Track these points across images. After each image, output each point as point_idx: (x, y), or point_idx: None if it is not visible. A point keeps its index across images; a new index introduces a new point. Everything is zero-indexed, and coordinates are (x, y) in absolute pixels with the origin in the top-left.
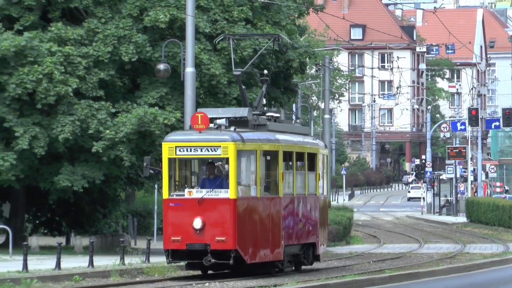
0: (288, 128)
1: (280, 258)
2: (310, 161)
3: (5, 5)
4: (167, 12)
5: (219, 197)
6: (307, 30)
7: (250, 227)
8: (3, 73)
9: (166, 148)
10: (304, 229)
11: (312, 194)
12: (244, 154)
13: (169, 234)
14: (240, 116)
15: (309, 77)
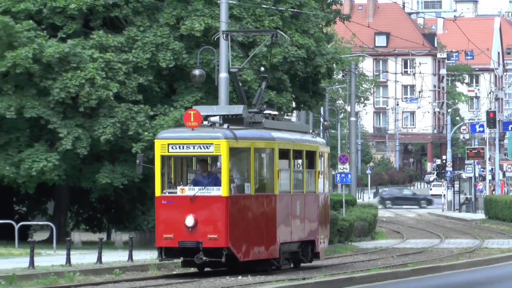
0: (285, 126)
1: (275, 255)
2: (309, 159)
3: (49, 14)
4: (202, 21)
5: (212, 194)
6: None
7: (243, 225)
8: (48, 78)
9: (159, 145)
10: (302, 226)
11: (311, 192)
12: (237, 152)
13: (161, 232)
14: (235, 113)
15: (336, 82)
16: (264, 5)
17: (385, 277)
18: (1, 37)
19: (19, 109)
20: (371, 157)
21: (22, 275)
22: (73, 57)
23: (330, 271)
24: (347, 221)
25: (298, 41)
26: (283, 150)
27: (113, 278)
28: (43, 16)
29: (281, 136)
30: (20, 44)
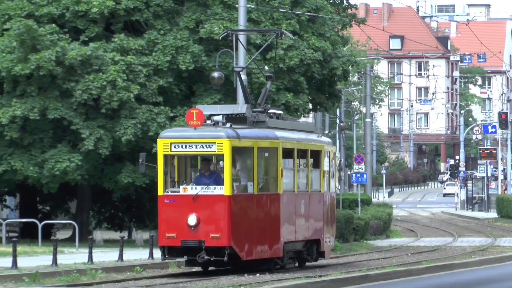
0: (290, 125)
1: (279, 254)
2: (314, 158)
3: (72, 17)
4: (221, 25)
5: (214, 193)
6: (350, 40)
7: (245, 224)
8: (71, 80)
9: (161, 145)
10: (307, 225)
11: (316, 191)
12: (240, 151)
13: (164, 231)
14: (239, 112)
15: (352, 84)
16: (282, 9)
17: (399, 275)
18: (25, 40)
19: (43, 110)
20: (386, 157)
21: (46, 273)
22: (95, 60)
23: (336, 270)
24: (362, 219)
25: (315, 44)
26: (287, 150)
27: (134, 276)
28: (66, 20)
29: (285, 136)
30: (43, 47)
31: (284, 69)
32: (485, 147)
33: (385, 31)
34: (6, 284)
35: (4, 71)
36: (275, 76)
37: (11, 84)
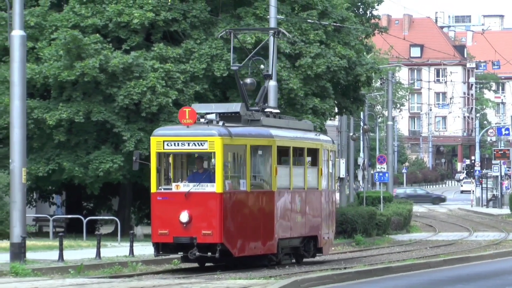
0: (286, 124)
1: (273, 251)
2: (312, 156)
3: (114, 28)
4: (253, 35)
5: (206, 191)
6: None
7: (238, 221)
8: (113, 86)
9: (154, 142)
10: (304, 222)
11: (313, 188)
12: (233, 149)
13: (157, 228)
14: (233, 111)
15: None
16: (310, 20)
17: (419, 267)
18: (71, 49)
19: (87, 114)
20: (407, 157)
21: (90, 265)
22: (136, 67)
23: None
24: (384, 215)
25: (341, 52)
26: (283, 148)
27: (172, 268)
28: (109, 30)
29: (280, 134)
30: (88, 55)
31: (312, 76)
32: (499, 148)
33: (406, 40)
34: (53, 275)
35: (52, 78)
36: (304, 82)
37: (58, 89)
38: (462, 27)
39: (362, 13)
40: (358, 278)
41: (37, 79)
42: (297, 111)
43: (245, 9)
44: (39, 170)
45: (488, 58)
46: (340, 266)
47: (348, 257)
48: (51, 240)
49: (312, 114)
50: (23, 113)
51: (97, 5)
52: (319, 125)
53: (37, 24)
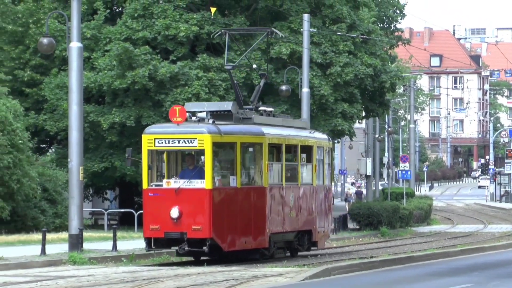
0: (279, 122)
1: (265, 245)
2: (306, 153)
3: (163, 40)
4: (288, 46)
5: (195, 187)
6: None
7: (228, 216)
8: (161, 92)
9: (146, 140)
10: (297, 217)
11: (307, 184)
12: (222, 146)
13: (148, 223)
14: (225, 109)
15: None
16: (339, 32)
17: (439, 256)
18: (123, 60)
19: (138, 118)
20: (427, 157)
21: (140, 254)
22: (181, 76)
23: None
24: (407, 209)
25: (367, 61)
26: (275, 145)
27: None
28: (158, 42)
29: (272, 132)
30: (138, 65)
31: (341, 83)
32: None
33: (426, 50)
34: (108, 263)
35: (106, 86)
36: (334, 89)
37: (111, 96)
38: (477, 38)
39: (387, 26)
40: (383, 266)
41: (92, 86)
42: (328, 115)
43: (280, 23)
44: (94, 168)
45: (501, 66)
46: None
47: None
48: (105, 232)
49: (341, 118)
50: (80, 117)
51: (147, 20)
52: (348, 128)
53: (93, 36)
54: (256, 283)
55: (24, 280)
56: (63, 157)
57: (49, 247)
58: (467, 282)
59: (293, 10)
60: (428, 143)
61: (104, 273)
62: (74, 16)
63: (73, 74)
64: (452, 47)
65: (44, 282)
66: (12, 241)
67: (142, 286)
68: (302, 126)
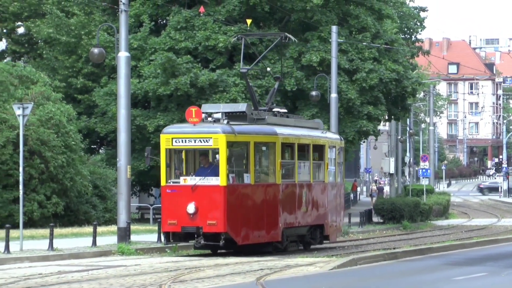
0: (292, 122)
1: (277, 238)
2: (318, 152)
3: (203, 50)
4: (318, 54)
5: (211, 184)
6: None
7: (242, 211)
8: (202, 98)
9: (164, 139)
10: (309, 212)
11: (319, 181)
12: (237, 145)
13: (166, 218)
14: (239, 111)
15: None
16: (364, 42)
17: (456, 247)
18: (167, 68)
19: (180, 121)
20: (445, 156)
21: (183, 246)
22: (220, 83)
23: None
24: (427, 205)
25: (391, 67)
26: (287, 144)
27: None
28: (198, 52)
29: (284, 132)
30: (180, 73)
31: (367, 88)
32: None
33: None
34: (153, 254)
35: (151, 92)
36: (360, 93)
37: (156, 101)
38: (491, 48)
39: (408, 37)
40: (405, 257)
41: (139, 92)
42: (354, 117)
43: (311, 33)
44: (140, 167)
45: None
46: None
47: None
48: (151, 225)
49: (366, 119)
50: (128, 120)
51: (189, 31)
52: (372, 128)
53: (139, 47)
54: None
55: (77, 269)
56: (112, 157)
57: (99, 239)
58: (482, 271)
59: (322, 21)
60: (446, 144)
61: (149, 263)
62: (122, 28)
63: (121, 81)
64: (468, 56)
65: (95, 271)
66: (66, 234)
67: (184, 274)
68: (315, 127)
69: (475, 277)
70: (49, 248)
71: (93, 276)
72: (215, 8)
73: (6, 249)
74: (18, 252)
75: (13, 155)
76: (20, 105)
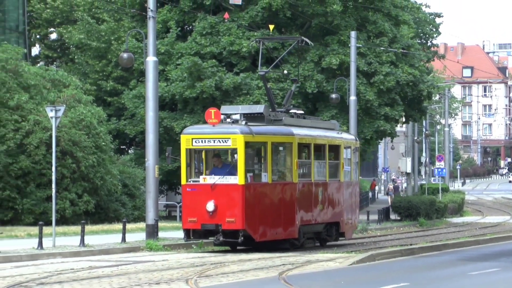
0: (308, 123)
1: (294, 235)
2: (334, 152)
3: (227, 55)
4: (337, 58)
5: (229, 183)
6: (432, 70)
7: (259, 209)
8: (226, 101)
9: (184, 140)
10: (325, 210)
11: (335, 180)
12: (254, 145)
13: (187, 216)
14: (257, 112)
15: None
16: (382, 46)
17: (470, 243)
18: (193, 72)
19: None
20: (460, 156)
21: (209, 242)
22: (244, 86)
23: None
24: (442, 203)
25: (407, 71)
26: (304, 144)
27: None
28: (223, 57)
29: (301, 132)
30: (206, 77)
31: (384, 90)
32: None
33: (459, 63)
34: (180, 250)
35: (178, 95)
36: (378, 95)
37: (182, 103)
38: (504, 52)
39: (424, 42)
40: (421, 252)
41: (166, 95)
42: (372, 117)
43: (331, 37)
44: (168, 166)
45: None
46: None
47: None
48: (178, 222)
49: (383, 120)
50: (155, 122)
51: (214, 37)
52: (389, 128)
53: (166, 52)
54: (309, 267)
55: (107, 264)
56: (141, 157)
57: (128, 236)
58: (495, 266)
59: (342, 25)
60: (461, 144)
61: (176, 258)
62: (150, 34)
63: (149, 84)
64: (481, 60)
65: (124, 266)
66: (96, 231)
67: (210, 269)
68: (331, 127)
69: (489, 272)
70: (80, 244)
71: (122, 271)
72: (239, 14)
73: (39, 245)
74: (51, 248)
75: (46, 155)
76: (52, 107)
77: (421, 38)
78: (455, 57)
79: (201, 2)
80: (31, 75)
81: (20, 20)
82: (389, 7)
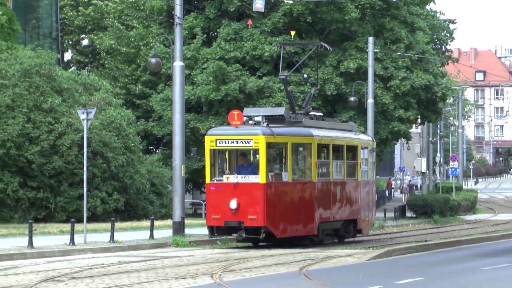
0: (327, 125)
1: (314, 232)
2: (352, 152)
3: (251, 59)
4: (355, 62)
5: (252, 182)
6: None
7: (280, 207)
8: (250, 103)
9: (208, 141)
10: (343, 208)
11: (352, 179)
12: (275, 146)
13: (211, 213)
14: (278, 114)
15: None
16: (398, 52)
17: (483, 240)
18: (218, 76)
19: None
20: (473, 156)
21: (233, 238)
22: (266, 89)
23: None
24: (456, 201)
25: (422, 76)
26: (323, 145)
27: None
28: (246, 61)
29: (320, 133)
30: (230, 80)
31: (400, 94)
32: None
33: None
34: (205, 246)
35: (203, 97)
36: (394, 98)
37: (208, 106)
38: None
39: (439, 47)
40: (436, 248)
41: (192, 98)
42: (388, 119)
43: (349, 43)
44: (194, 166)
45: None
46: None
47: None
48: (203, 219)
49: (398, 121)
50: (182, 124)
51: (237, 42)
52: (404, 129)
53: (192, 57)
54: (329, 262)
55: (136, 259)
56: (168, 157)
57: (156, 232)
58: (507, 262)
59: (359, 32)
60: (474, 145)
61: (202, 254)
62: (177, 40)
63: (176, 88)
64: (494, 64)
65: (152, 261)
66: (126, 227)
67: (234, 264)
68: (348, 129)
69: (501, 267)
70: (110, 240)
71: (150, 266)
72: (262, 20)
73: (71, 241)
74: (82, 244)
75: (78, 155)
76: (84, 110)
77: (436, 44)
78: (468, 62)
79: (225, 9)
80: (64, 79)
81: (54, 27)
82: (405, 14)
